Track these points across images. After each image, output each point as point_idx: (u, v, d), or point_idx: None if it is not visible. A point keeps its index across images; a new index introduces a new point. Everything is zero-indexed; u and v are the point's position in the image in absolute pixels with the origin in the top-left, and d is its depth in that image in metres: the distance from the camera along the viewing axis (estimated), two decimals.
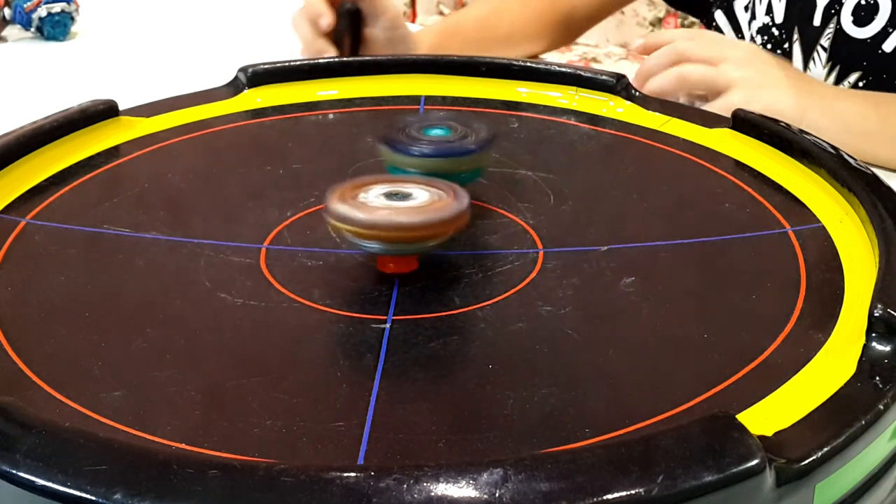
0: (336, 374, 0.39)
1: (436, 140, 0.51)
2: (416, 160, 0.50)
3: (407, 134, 0.51)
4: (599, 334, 0.42)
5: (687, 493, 0.29)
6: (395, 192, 0.45)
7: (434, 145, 0.50)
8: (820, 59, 0.83)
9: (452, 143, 0.51)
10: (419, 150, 0.50)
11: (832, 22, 0.82)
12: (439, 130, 0.52)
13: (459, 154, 0.51)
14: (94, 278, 0.46)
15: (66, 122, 0.59)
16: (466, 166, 0.51)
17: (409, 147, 0.50)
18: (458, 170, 0.50)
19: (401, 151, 0.50)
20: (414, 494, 0.28)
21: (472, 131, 0.52)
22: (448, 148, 0.51)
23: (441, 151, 0.50)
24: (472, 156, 0.51)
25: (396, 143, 0.51)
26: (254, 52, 0.77)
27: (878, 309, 0.38)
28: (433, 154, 0.50)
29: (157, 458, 0.30)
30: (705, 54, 0.74)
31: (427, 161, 0.50)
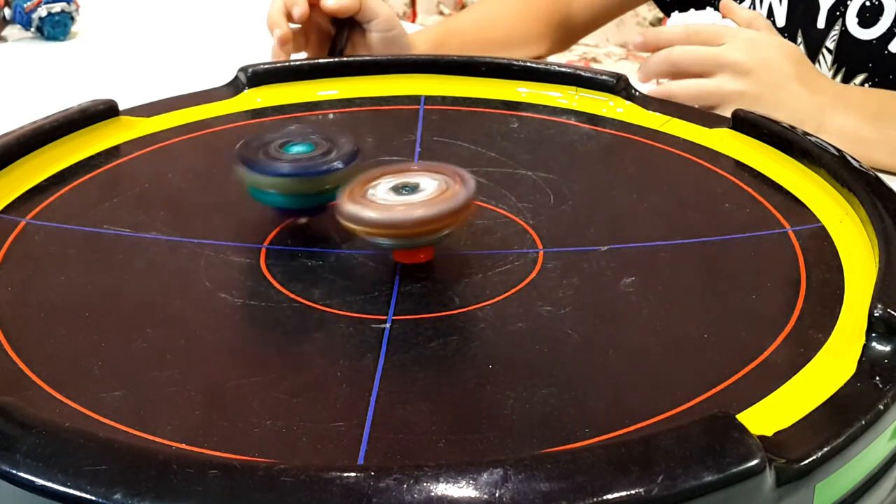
0: (336, 374, 0.39)
1: (298, 158, 0.48)
2: (276, 180, 0.47)
3: (266, 152, 0.48)
4: (599, 334, 0.42)
5: (687, 493, 0.29)
6: (403, 184, 0.45)
7: (296, 163, 0.48)
8: (825, 62, 0.83)
9: (315, 159, 0.48)
10: (277, 169, 0.47)
11: (837, 24, 0.81)
12: (301, 147, 0.49)
13: (323, 172, 0.47)
14: (94, 278, 0.46)
15: (66, 122, 0.59)
16: (332, 184, 0.47)
17: (269, 166, 0.47)
18: (323, 189, 0.47)
19: (259, 171, 0.47)
20: (414, 494, 0.28)
21: (336, 146, 0.49)
22: (311, 166, 0.48)
23: (304, 170, 0.47)
24: (338, 173, 0.47)
25: (254, 162, 0.48)
26: (254, 52, 0.78)
27: (878, 309, 0.38)
28: (295, 173, 0.47)
29: (157, 458, 0.30)
30: (701, 64, 0.73)
31: (289, 181, 0.47)
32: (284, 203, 0.49)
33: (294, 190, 0.48)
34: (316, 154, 0.48)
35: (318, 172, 0.47)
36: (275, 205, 0.49)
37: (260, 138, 0.49)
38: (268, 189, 0.48)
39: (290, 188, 0.47)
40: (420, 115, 0.65)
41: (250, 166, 0.48)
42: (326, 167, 0.47)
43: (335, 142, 0.49)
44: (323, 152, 0.48)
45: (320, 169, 0.47)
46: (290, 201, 0.48)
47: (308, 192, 0.48)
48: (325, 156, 0.48)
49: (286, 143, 0.49)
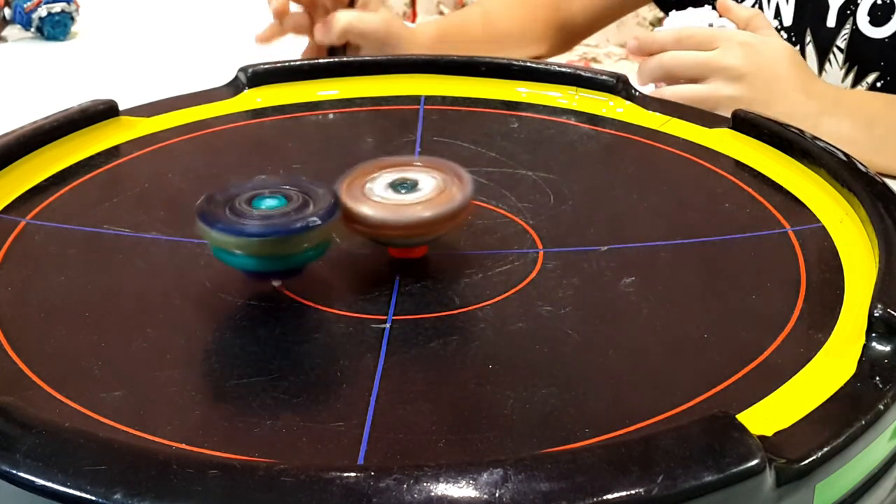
0: (336, 374, 0.39)
1: (269, 214, 0.42)
2: (245, 241, 0.41)
3: (232, 208, 0.42)
4: (599, 334, 0.42)
5: (687, 493, 0.29)
6: (402, 180, 0.44)
7: (266, 220, 0.41)
8: (836, 61, 0.83)
9: (289, 215, 0.42)
10: (243, 229, 0.41)
11: (848, 22, 0.81)
12: (272, 201, 0.42)
13: (298, 230, 0.41)
14: (94, 278, 0.46)
15: (66, 122, 0.59)
16: (310, 242, 0.42)
17: (234, 224, 0.41)
18: (299, 248, 0.42)
19: (223, 230, 0.41)
20: (414, 494, 0.28)
21: (313, 198, 0.43)
22: (284, 223, 0.41)
23: (275, 228, 0.41)
24: (315, 230, 0.41)
25: (218, 219, 0.41)
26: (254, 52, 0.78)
27: (878, 309, 0.38)
28: (265, 232, 0.41)
29: (157, 458, 0.30)
30: (694, 68, 0.73)
31: (258, 242, 0.41)
32: (254, 266, 0.42)
33: (264, 251, 0.41)
34: (289, 209, 0.42)
35: (292, 230, 0.41)
36: (243, 268, 0.43)
37: (225, 191, 0.43)
38: (234, 250, 0.41)
39: (259, 249, 0.41)
40: (420, 115, 0.65)
41: (212, 224, 0.41)
42: (302, 224, 0.41)
43: (311, 194, 0.43)
44: (297, 206, 0.42)
45: (294, 227, 0.41)
46: (261, 264, 0.42)
47: (281, 253, 0.42)
48: (300, 210, 0.42)
49: (255, 196, 0.43)
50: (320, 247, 0.43)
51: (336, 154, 0.61)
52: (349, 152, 0.61)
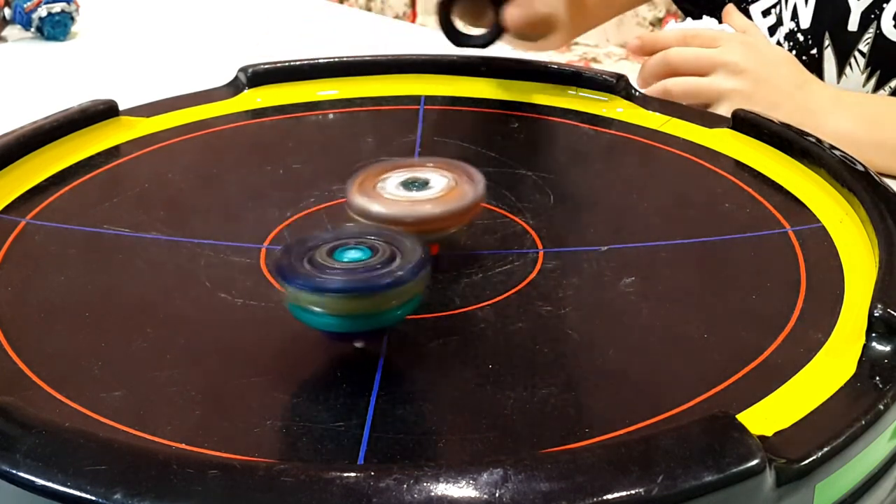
0: (336, 374, 0.39)
1: (352, 267, 0.38)
2: (324, 297, 0.37)
3: (311, 260, 0.38)
4: (599, 334, 0.42)
5: (687, 493, 0.29)
6: (413, 179, 0.45)
7: (352, 275, 0.37)
8: (858, 65, 0.82)
9: (375, 269, 0.38)
10: (324, 283, 0.37)
11: (872, 26, 0.81)
12: (356, 252, 0.39)
13: (386, 287, 0.37)
14: (94, 278, 0.46)
15: (66, 122, 0.59)
16: (398, 300, 0.38)
17: (315, 280, 0.37)
18: (386, 306, 0.38)
19: (301, 286, 0.37)
20: (414, 494, 0.28)
21: (399, 249, 0.39)
22: (369, 278, 0.37)
23: (360, 284, 0.37)
24: (406, 285, 0.38)
25: (295, 274, 0.38)
26: (254, 52, 0.78)
27: (878, 309, 0.38)
28: (349, 288, 0.37)
29: (157, 458, 0.30)
30: (696, 63, 0.73)
31: (344, 299, 0.37)
32: (335, 326, 0.38)
33: (348, 309, 0.38)
34: (375, 262, 0.38)
35: (380, 286, 0.37)
36: (322, 327, 0.38)
37: (304, 242, 0.39)
38: (313, 307, 0.37)
39: (343, 307, 0.37)
40: (420, 115, 0.65)
41: (290, 279, 0.37)
42: (390, 279, 0.37)
43: (398, 244, 0.39)
44: (384, 259, 0.38)
45: (382, 282, 0.37)
46: (343, 324, 0.38)
47: (367, 311, 0.38)
48: (387, 264, 0.38)
49: (336, 247, 0.39)
50: (410, 304, 0.39)
51: (336, 154, 0.61)
52: (349, 152, 0.61)
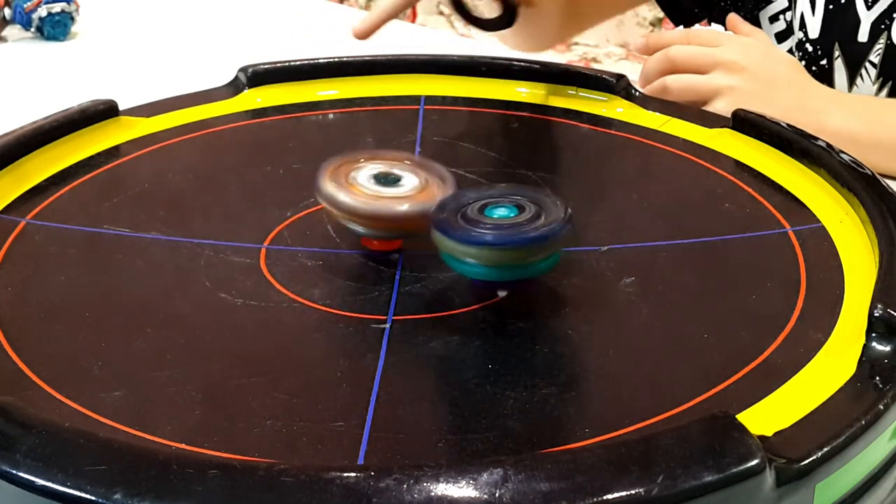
0: (336, 374, 0.39)
1: (503, 223, 0.42)
2: (476, 250, 0.41)
3: (464, 216, 0.42)
4: (599, 334, 0.42)
5: (687, 493, 0.29)
6: (386, 174, 0.45)
7: (499, 230, 0.41)
8: (869, 76, 0.82)
9: (522, 226, 0.41)
10: (480, 237, 0.41)
11: (882, 37, 0.80)
12: (504, 210, 0.43)
13: (532, 241, 0.41)
14: (94, 278, 0.46)
15: (66, 122, 0.59)
16: (543, 253, 0.42)
17: (469, 234, 0.41)
18: (530, 259, 0.42)
19: (458, 239, 0.41)
20: (414, 494, 0.28)
21: (545, 209, 0.42)
22: (517, 233, 0.41)
23: (508, 239, 0.41)
24: (548, 242, 0.42)
25: (453, 228, 0.42)
26: (254, 52, 0.78)
27: (878, 309, 0.38)
28: (498, 243, 0.41)
29: (157, 458, 0.30)
30: (696, 61, 0.74)
31: (495, 252, 0.41)
32: (486, 275, 0.43)
33: (498, 261, 0.42)
34: (522, 219, 0.42)
35: (526, 241, 0.41)
36: (473, 276, 0.43)
37: (456, 199, 0.44)
38: (466, 259, 0.42)
39: (493, 259, 0.41)
40: (420, 115, 0.65)
41: (446, 232, 0.42)
42: (536, 234, 0.41)
43: (543, 204, 0.43)
44: (530, 217, 0.42)
45: (529, 237, 0.41)
46: (493, 273, 0.42)
47: (513, 263, 0.42)
48: (532, 221, 0.42)
49: (486, 205, 0.43)
50: (552, 258, 0.42)
51: (336, 154, 0.61)
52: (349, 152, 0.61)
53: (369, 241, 0.47)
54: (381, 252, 0.47)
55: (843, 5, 0.82)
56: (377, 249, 0.47)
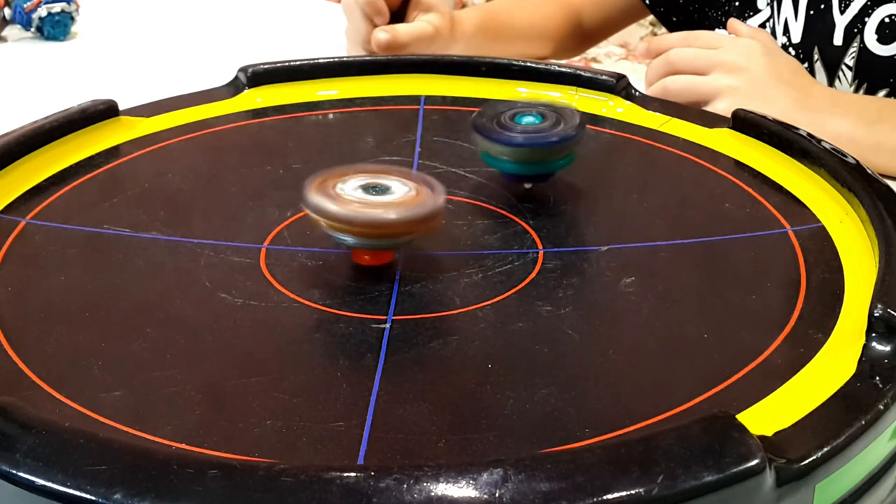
0: (336, 374, 0.39)
1: (530, 128, 0.52)
2: (511, 150, 0.51)
3: (499, 122, 0.52)
4: (599, 334, 0.42)
5: (687, 493, 0.29)
6: (374, 184, 0.45)
7: (526, 134, 0.51)
8: (846, 78, 0.82)
9: (545, 130, 0.52)
10: (511, 139, 0.51)
11: (855, 41, 0.81)
12: (531, 118, 0.53)
13: (553, 143, 0.51)
14: (94, 278, 0.46)
15: (66, 122, 0.59)
16: (559, 154, 0.52)
17: (504, 136, 0.51)
18: (550, 158, 0.52)
19: (496, 140, 0.51)
20: (414, 494, 0.28)
21: (563, 118, 0.53)
22: (540, 137, 0.51)
23: (533, 141, 0.51)
24: (566, 143, 0.52)
25: (490, 131, 0.52)
26: (254, 52, 0.77)
27: (878, 309, 0.38)
28: (526, 144, 0.51)
29: (157, 458, 0.30)
30: (696, 62, 0.74)
31: (523, 151, 0.51)
32: (515, 170, 0.53)
33: (525, 158, 0.52)
34: (545, 125, 0.52)
35: (548, 143, 0.51)
36: (505, 171, 0.54)
37: (493, 108, 0.54)
38: (501, 157, 0.52)
39: (521, 157, 0.52)
40: (420, 115, 0.65)
41: (486, 135, 0.52)
42: (556, 138, 0.51)
43: (562, 114, 0.53)
44: (552, 123, 0.52)
45: (550, 139, 0.51)
46: (521, 168, 0.53)
47: (537, 160, 0.52)
48: (553, 127, 0.52)
49: (517, 114, 0.53)
50: (569, 157, 0.53)
51: (336, 154, 0.61)
52: (349, 152, 0.61)
53: (360, 255, 0.46)
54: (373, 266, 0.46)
55: (822, 11, 0.83)
56: (369, 264, 0.46)
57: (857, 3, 0.81)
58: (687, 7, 0.98)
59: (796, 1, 0.85)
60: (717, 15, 0.94)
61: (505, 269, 0.46)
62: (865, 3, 0.81)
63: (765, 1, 0.89)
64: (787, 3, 0.86)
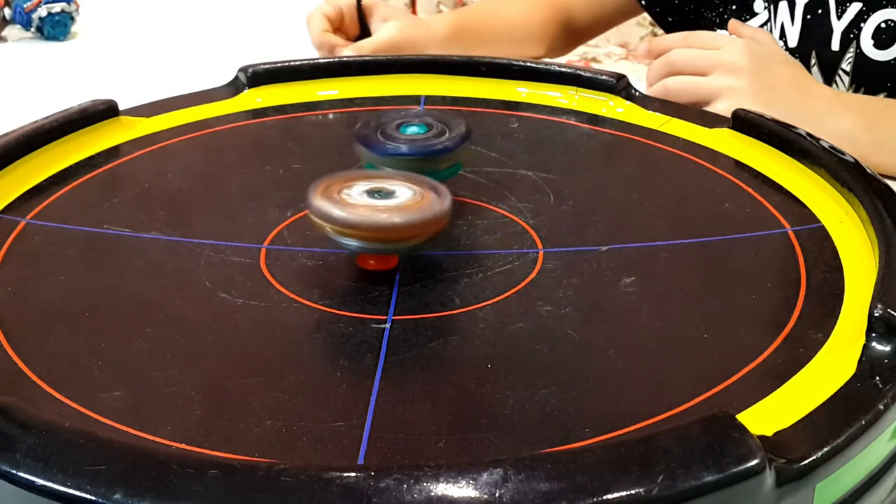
0: (336, 374, 0.39)
1: (413, 138, 0.51)
2: (393, 160, 0.50)
3: (383, 132, 0.51)
4: (599, 334, 0.42)
5: (687, 493, 0.29)
6: (379, 189, 0.44)
7: (411, 144, 0.50)
8: (843, 83, 0.83)
9: (429, 140, 0.51)
10: (396, 150, 0.50)
11: (852, 46, 0.81)
12: (415, 128, 0.52)
13: (437, 153, 0.50)
14: (94, 278, 0.46)
15: (66, 122, 0.59)
16: (445, 164, 0.51)
17: (386, 146, 0.50)
18: (436, 168, 0.50)
19: (377, 151, 0.50)
20: (414, 494, 0.28)
21: (448, 127, 0.52)
22: (425, 146, 0.50)
23: (418, 150, 0.50)
24: (451, 153, 0.51)
25: (372, 142, 0.51)
26: (254, 52, 0.78)
27: (878, 309, 0.38)
28: (410, 153, 0.50)
29: (157, 458, 0.30)
30: (696, 63, 0.74)
31: (404, 161, 0.50)
32: None
33: (409, 168, 0.50)
34: (430, 135, 0.51)
35: (433, 152, 0.50)
36: None
37: (377, 119, 0.53)
38: (385, 168, 0.50)
39: (406, 167, 0.50)
40: None
41: (368, 146, 0.51)
42: (441, 147, 0.50)
43: (448, 124, 0.52)
44: (437, 133, 0.51)
45: (435, 149, 0.50)
46: None
47: (423, 170, 0.50)
48: (438, 136, 0.51)
49: (402, 124, 0.52)
50: (455, 167, 0.52)
51: (336, 154, 0.61)
52: (349, 152, 0.61)
53: (365, 260, 0.46)
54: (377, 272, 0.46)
55: (819, 15, 0.83)
56: (375, 269, 0.46)
57: (853, 8, 0.81)
58: (683, 8, 0.98)
59: (793, 5, 0.85)
60: (713, 17, 0.95)
61: (505, 269, 0.46)
62: (861, 8, 0.81)
63: (762, 4, 0.89)
64: (784, 8, 0.86)
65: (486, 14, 1.01)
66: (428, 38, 0.90)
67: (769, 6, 0.88)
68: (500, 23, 1.00)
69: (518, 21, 1.01)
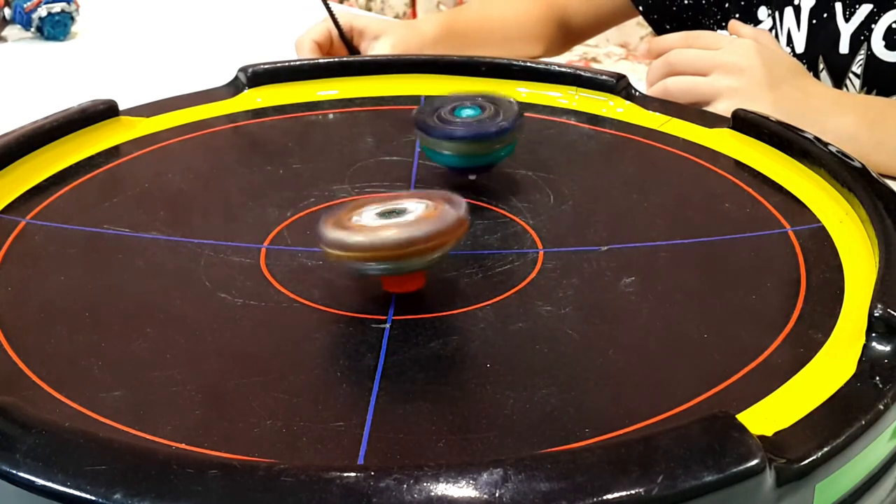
0: (336, 374, 0.39)
1: (468, 121, 0.53)
2: (452, 143, 0.52)
3: (439, 117, 0.53)
4: (599, 334, 0.42)
5: (687, 493, 0.29)
6: (390, 210, 0.42)
7: (468, 127, 0.52)
8: (854, 87, 0.82)
9: (485, 122, 0.52)
10: (455, 133, 0.52)
11: (862, 48, 0.81)
12: (469, 110, 0.53)
13: (494, 134, 0.52)
14: (93, 278, 0.46)
15: (66, 122, 0.59)
16: (501, 144, 0.53)
17: (444, 130, 0.52)
18: (492, 149, 0.53)
19: (436, 135, 0.52)
20: (414, 494, 0.28)
21: (500, 107, 0.53)
22: (482, 128, 0.52)
23: (477, 133, 0.52)
24: (506, 134, 0.52)
25: (430, 127, 0.52)
26: (254, 52, 0.78)
27: (878, 309, 0.38)
28: (470, 136, 0.52)
29: (157, 458, 0.30)
30: (696, 63, 0.74)
31: (462, 143, 0.52)
32: (458, 163, 0.54)
33: (467, 151, 0.53)
34: (484, 117, 0.53)
35: (489, 134, 0.52)
36: (449, 164, 0.55)
37: (431, 104, 0.54)
38: (443, 151, 0.53)
39: (463, 149, 0.53)
40: None
41: (427, 130, 0.53)
42: (496, 129, 0.52)
43: (498, 104, 0.54)
44: (491, 115, 0.53)
45: (490, 131, 0.52)
46: (463, 161, 0.54)
47: (479, 152, 0.53)
48: (493, 118, 0.53)
49: (456, 107, 0.54)
50: (509, 147, 0.54)
51: (336, 154, 0.61)
52: (349, 152, 0.61)
53: (391, 283, 0.44)
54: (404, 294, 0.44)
55: (825, 19, 0.83)
56: (404, 291, 0.44)
57: (863, 10, 0.81)
58: (680, 15, 0.98)
59: (798, 11, 0.85)
60: (711, 25, 0.94)
61: (505, 269, 0.46)
62: (872, 9, 0.80)
63: (765, 11, 0.89)
64: (790, 13, 0.86)
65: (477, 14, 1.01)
66: (421, 42, 0.90)
67: (773, 13, 0.88)
68: (492, 22, 1.00)
69: (510, 20, 1.00)
